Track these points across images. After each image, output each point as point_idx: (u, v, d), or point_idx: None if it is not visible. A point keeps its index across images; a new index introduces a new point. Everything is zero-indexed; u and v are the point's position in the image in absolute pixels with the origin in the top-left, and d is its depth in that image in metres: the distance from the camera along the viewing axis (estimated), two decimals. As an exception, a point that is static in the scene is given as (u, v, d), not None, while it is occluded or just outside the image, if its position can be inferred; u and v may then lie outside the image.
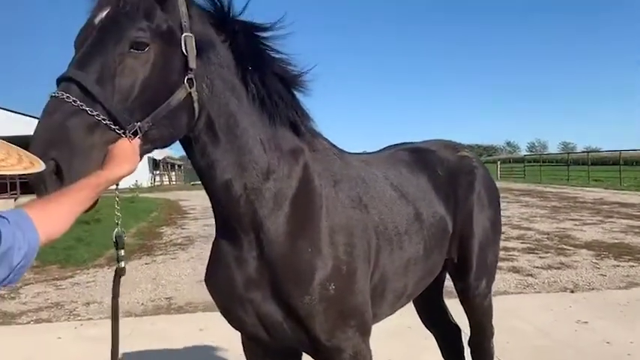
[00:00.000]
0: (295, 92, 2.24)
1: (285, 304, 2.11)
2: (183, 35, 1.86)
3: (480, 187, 3.21)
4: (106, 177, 1.73)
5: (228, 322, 2.40)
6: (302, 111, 2.27)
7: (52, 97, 1.66)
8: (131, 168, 1.77)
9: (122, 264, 2.13)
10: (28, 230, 1.50)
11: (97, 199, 1.76)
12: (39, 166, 1.42)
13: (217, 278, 2.31)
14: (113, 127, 1.69)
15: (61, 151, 1.61)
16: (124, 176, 1.78)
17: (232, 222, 2.15)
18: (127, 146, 1.73)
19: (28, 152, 1.45)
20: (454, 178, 3.13)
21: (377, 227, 2.43)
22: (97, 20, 1.78)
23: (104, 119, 1.67)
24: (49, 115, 1.64)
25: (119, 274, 2.14)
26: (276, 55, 2.15)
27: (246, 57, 2.07)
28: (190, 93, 1.88)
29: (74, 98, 1.64)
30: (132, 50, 1.75)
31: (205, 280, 2.44)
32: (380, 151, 3.34)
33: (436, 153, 3.24)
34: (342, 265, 2.17)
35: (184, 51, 1.86)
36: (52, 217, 1.62)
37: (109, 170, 1.74)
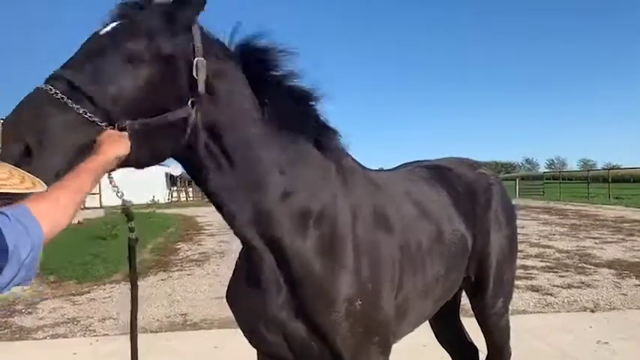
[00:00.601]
0: (312, 110, 2.21)
1: (312, 322, 2.09)
2: (195, 60, 1.86)
3: (497, 204, 3.18)
4: (101, 159, 1.71)
5: (250, 341, 2.38)
6: (326, 128, 2.25)
7: (35, 88, 1.67)
8: (123, 148, 1.75)
9: (133, 235, 2.12)
10: (30, 225, 1.50)
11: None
12: (40, 187, 1.43)
13: (241, 296, 2.29)
14: (100, 123, 1.69)
15: (35, 136, 1.60)
16: (118, 156, 1.76)
17: (252, 242, 2.13)
18: (113, 132, 1.73)
19: (29, 174, 1.47)
20: (472, 195, 3.11)
21: (401, 247, 2.40)
22: (101, 32, 1.82)
23: (90, 115, 1.67)
24: (29, 102, 1.65)
25: (132, 244, 2.13)
26: (291, 80, 2.14)
27: (260, 82, 2.07)
28: (191, 114, 1.87)
29: (56, 91, 1.65)
30: (128, 63, 1.77)
31: (227, 297, 2.42)
32: (396, 168, 3.32)
33: (454, 170, 3.22)
34: (368, 282, 2.16)
35: (195, 74, 1.86)
36: (53, 208, 1.61)
37: (102, 153, 1.73)
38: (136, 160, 1.85)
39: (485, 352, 3.48)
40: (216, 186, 2.04)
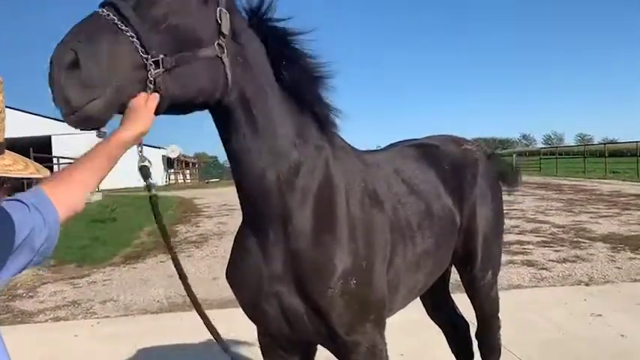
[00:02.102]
0: (321, 85, 2.25)
1: (309, 297, 2.14)
2: (218, 8, 1.90)
3: (483, 179, 3.24)
4: (119, 138, 1.70)
5: (250, 316, 2.42)
6: (329, 108, 2.29)
7: (93, 12, 1.71)
8: (144, 127, 1.75)
9: (153, 190, 2.09)
10: (47, 212, 1.52)
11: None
12: (44, 172, 1.46)
13: (242, 271, 2.33)
14: (140, 48, 1.70)
15: (84, 47, 1.61)
16: (137, 136, 1.75)
17: (263, 214, 2.16)
18: (140, 103, 1.73)
19: (32, 161, 1.50)
20: (459, 171, 3.16)
21: (392, 223, 2.47)
22: None
23: (132, 37, 1.69)
24: (84, 21, 1.69)
25: (153, 203, 2.11)
26: (306, 52, 2.18)
27: (280, 51, 2.12)
28: (220, 58, 1.89)
29: (109, 14, 1.68)
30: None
31: (227, 274, 2.46)
32: (386, 148, 3.37)
33: (440, 148, 3.26)
34: (362, 260, 2.21)
35: (218, 19, 1.89)
36: (70, 190, 1.62)
37: (121, 131, 1.72)
38: (172, 101, 1.83)
39: (476, 325, 3.56)
40: (240, 148, 2.06)
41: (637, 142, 35.73)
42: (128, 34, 1.68)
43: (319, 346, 2.56)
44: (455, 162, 3.19)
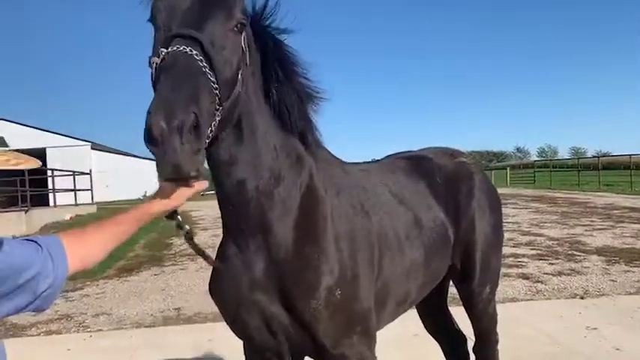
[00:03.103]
0: (309, 106, 2.29)
1: (292, 308, 2.13)
2: (243, 33, 1.89)
3: (480, 193, 3.23)
4: (152, 210, 1.77)
5: (231, 327, 2.40)
6: (312, 123, 2.32)
7: (179, 50, 1.63)
8: (178, 204, 1.82)
9: (186, 227, 2.08)
10: (58, 260, 1.52)
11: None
12: (34, 163, 1.46)
13: (223, 282, 2.32)
14: (217, 98, 1.68)
15: (199, 107, 1.56)
16: (167, 211, 1.83)
17: (241, 223, 2.16)
18: (169, 187, 1.77)
19: (23, 154, 1.50)
20: (453, 184, 3.15)
21: (378, 234, 2.47)
22: None
23: (216, 88, 1.67)
24: (183, 69, 1.60)
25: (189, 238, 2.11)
26: (298, 69, 2.21)
27: (273, 66, 2.13)
28: (239, 88, 1.88)
29: (201, 57, 1.63)
30: (235, 29, 1.80)
31: (210, 285, 2.44)
32: (379, 160, 3.37)
33: (434, 160, 3.26)
34: (347, 271, 2.20)
35: (244, 46, 1.89)
36: (87, 247, 1.64)
37: (156, 204, 1.79)
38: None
39: (473, 340, 3.54)
40: (222, 159, 2.02)
41: (630, 155, 35.97)
42: (214, 85, 1.66)
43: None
44: (449, 175, 3.18)
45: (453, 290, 3.49)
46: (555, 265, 9.69)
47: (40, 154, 35.19)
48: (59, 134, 39.00)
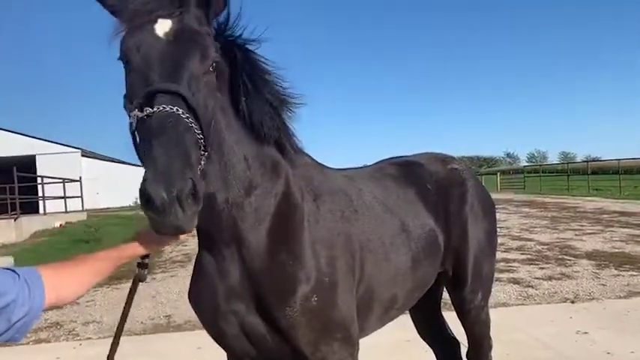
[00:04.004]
0: (282, 113, 2.26)
1: (269, 316, 2.12)
2: (213, 55, 1.85)
3: (473, 199, 3.22)
4: (132, 253, 1.81)
5: (211, 335, 2.39)
6: (287, 131, 2.31)
7: (165, 111, 1.61)
8: (158, 249, 1.88)
9: (145, 272, 2.10)
10: (35, 291, 1.51)
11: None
12: None
13: (200, 291, 2.32)
14: (202, 147, 1.70)
15: (192, 170, 1.59)
16: (147, 254, 1.90)
17: (214, 235, 2.16)
18: (151, 234, 1.79)
19: None
20: (445, 191, 3.14)
21: (360, 239, 2.46)
22: (161, 31, 1.74)
23: (201, 138, 1.68)
24: (172, 132, 1.59)
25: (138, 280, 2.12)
26: (268, 77, 2.18)
27: (241, 79, 2.10)
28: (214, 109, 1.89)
29: (187, 115, 1.63)
30: (210, 70, 1.79)
31: (189, 295, 2.44)
32: (369, 165, 3.36)
33: (425, 166, 3.25)
34: (324, 277, 2.19)
35: (212, 69, 1.86)
36: (66, 282, 1.64)
37: (137, 248, 1.83)
38: None
39: (467, 345, 3.53)
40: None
41: (619, 159, 36.25)
42: (199, 136, 1.67)
43: None
44: (440, 182, 3.17)
45: (446, 296, 3.49)
46: (546, 269, 9.72)
47: (29, 161, 35.03)
48: (49, 141, 38.74)
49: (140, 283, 2.14)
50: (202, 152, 1.71)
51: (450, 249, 3.07)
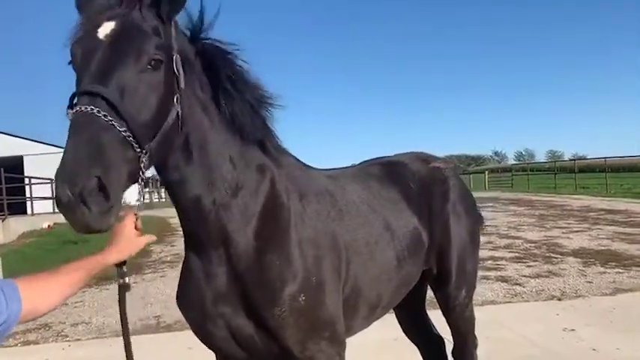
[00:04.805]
0: (263, 113, 2.27)
1: (256, 317, 2.14)
2: (174, 55, 1.87)
3: (455, 197, 3.25)
4: (104, 261, 1.82)
5: (199, 338, 2.40)
6: (268, 131, 2.32)
7: (81, 110, 1.62)
8: (129, 255, 1.88)
9: (126, 279, 2.08)
10: (12, 299, 1.52)
11: None
12: None
13: (188, 294, 2.32)
14: (135, 145, 1.68)
15: (102, 167, 1.57)
16: (119, 261, 1.90)
17: (201, 237, 2.17)
18: (131, 231, 1.84)
19: None
20: (427, 189, 3.17)
21: (345, 239, 2.48)
22: (102, 34, 1.75)
23: (129, 136, 1.66)
24: (85, 131, 1.60)
25: (124, 290, 2.10)
26: (248, 78, 2.20)
27: (221, 78, 2.11)
28: (178, 112, 1.88)
29: (104, 113, 1.62)
30: (149, 67, 1.76)
31: (177, 298, 2.44)
32: (352, 166, 3.39)
33: (408, 166, 3.28)
34: (311, 276, 2.21)
35: (175, 70, 1.87)
36: (41, 293, 1.65)
37: (107, 256, 1.84)
38: (153, 165, 1.89)
39: (452, 342, 3.56)
40: (173, 178, 2.05)
41: (605, 158, 36.58)
42: (126, 134, 1.65)
43: None
44: (422, 180, 3.20)
45: (430, 294, 3.52)
46: (533, 267, 9.81)
47: (17, 162, 34.73)
48: (36, 141, 38.41)
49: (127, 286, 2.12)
50: (138, 151, 1.69)
51: (434, 246, 3.10)
